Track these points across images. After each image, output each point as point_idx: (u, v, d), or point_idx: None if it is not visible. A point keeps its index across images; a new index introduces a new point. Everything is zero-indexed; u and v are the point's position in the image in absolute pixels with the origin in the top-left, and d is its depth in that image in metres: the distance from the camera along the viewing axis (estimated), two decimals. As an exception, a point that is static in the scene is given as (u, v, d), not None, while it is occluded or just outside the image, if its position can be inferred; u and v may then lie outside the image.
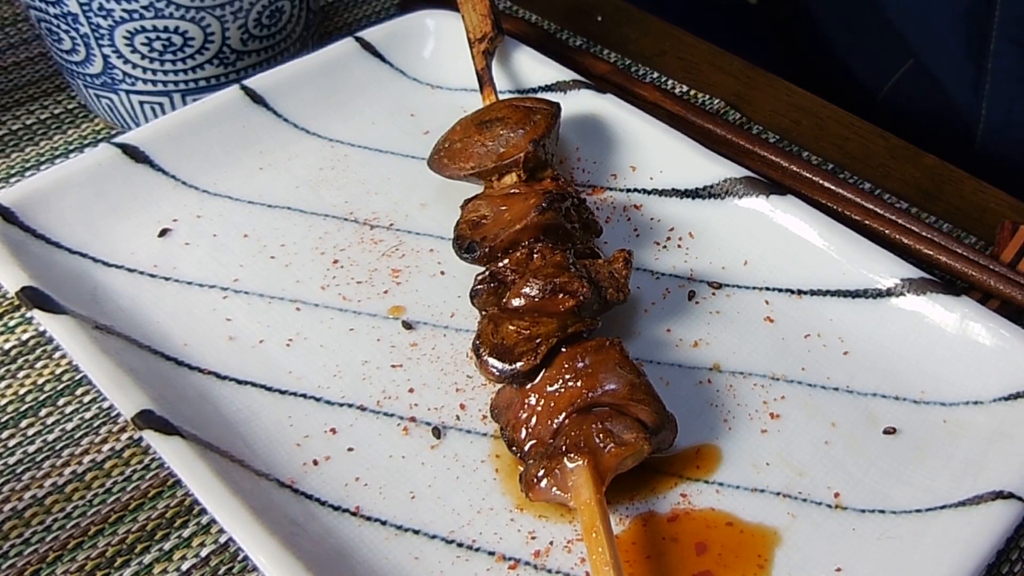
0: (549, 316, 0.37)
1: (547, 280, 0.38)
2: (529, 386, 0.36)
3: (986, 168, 0.54)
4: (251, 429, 0.37)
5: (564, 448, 0.34)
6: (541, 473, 0.34)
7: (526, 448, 0.36)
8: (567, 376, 0.36)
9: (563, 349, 0.36)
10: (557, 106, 0.46)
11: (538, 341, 0.36)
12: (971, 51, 0.63)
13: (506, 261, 0.40)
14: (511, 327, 0.37)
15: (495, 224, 0.41)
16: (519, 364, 0.36)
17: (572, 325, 0.37)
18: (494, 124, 0.46)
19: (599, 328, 0.38)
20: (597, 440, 0.34)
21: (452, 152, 0.46)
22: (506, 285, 0.39)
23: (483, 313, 0.39)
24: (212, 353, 0.40)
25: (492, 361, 0.36)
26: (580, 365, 0.36)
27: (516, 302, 0.38)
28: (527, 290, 0.38)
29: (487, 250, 0.40)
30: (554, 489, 0.34)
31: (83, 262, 0.42)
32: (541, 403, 0.36)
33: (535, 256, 0.40)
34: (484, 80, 0.50)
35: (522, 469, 0.35)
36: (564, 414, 0.35)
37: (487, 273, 0.40)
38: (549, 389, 0.36)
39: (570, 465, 0.34)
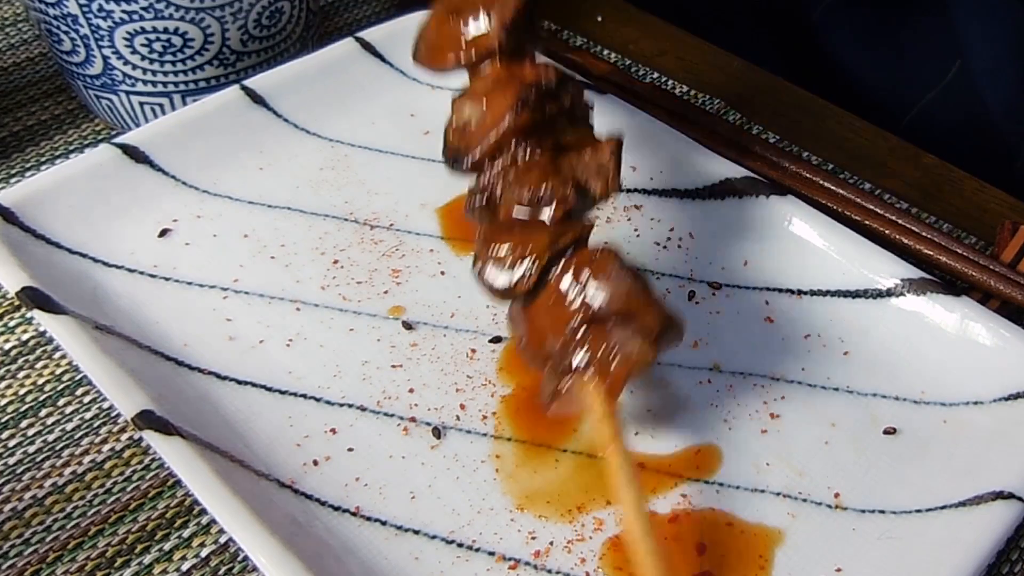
0: (540, 228, 0.36)
1: (531, 189, 0.37)
2: (532, 302, 0.36)
3: None
4: (251, 429, 0.37)
5: (573, 365, 0.34)
6: (552, 391, 0.34)
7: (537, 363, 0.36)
8: (567, 290, 0.35)
9: (561, 261, 0.36)
10: None
11: (533, 259, 0.36)
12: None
13: (494, 170, 0.38)
14: (504, 245, 0.36)
15: (479, 130, 0.39)
16: (516, 285, 0.36)
17: (563, 236, 0.36)
18: (464, 8, 0.42)
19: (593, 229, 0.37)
20: (603, 354, 0.34)
21: (430, 49, 0.43)
22: (496, 198, 0.38)
23: (478, 225, 0.38)
24: (212, 353, 0.40)
25: (490, 281, 0.36)
26: (578, 278, 0.35)
27: (506, 216, 0.37)
28: (513, 203, 0.37)
29: (473, 161, 0.39)
30: (569, 405, 0.35)
31: (83, 262, 0.43)
32: (545, 318, 0.36)
33: (519, 161, 0.38)
34: None
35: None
36: (569, 328, 0.35)
37: (477, 188, 0.38)
38: (551, 303, 0.36)
39: (580, 382, 0.34)
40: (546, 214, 0.37)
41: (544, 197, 0.37)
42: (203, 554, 0.35)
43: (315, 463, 0.37)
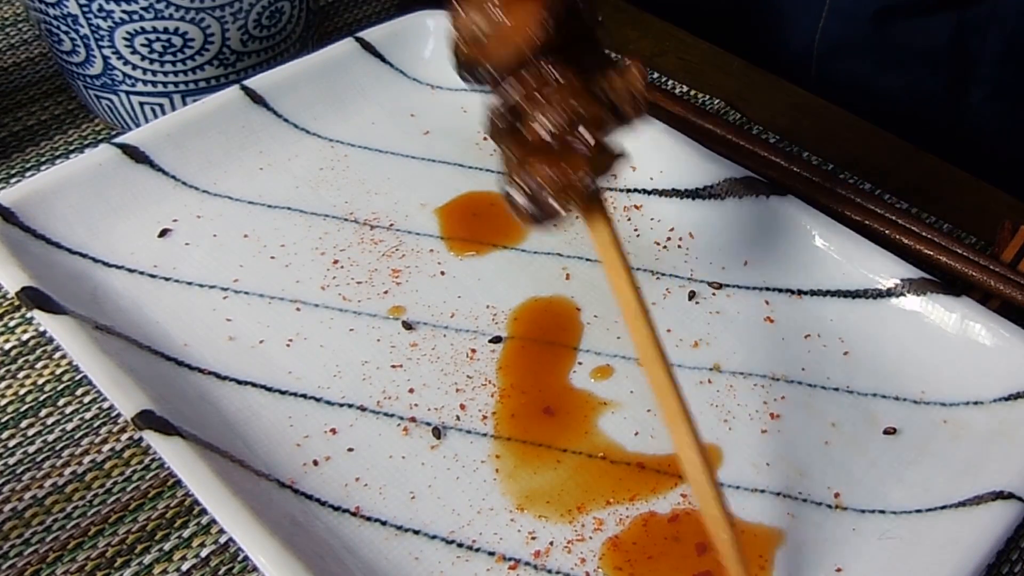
0: (576, 154, 0.35)
1: (566, 113, 0.35)
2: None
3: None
4: (251, 429, 0.37)
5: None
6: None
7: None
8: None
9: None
10: None
11: (572, 184, 0.35)
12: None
13: (516, 85, 0.37)
14: (539, 168, 0.35)
15: (497, 41, 0.37)
16: (557, 208, 0.35)
17: (602, 164, 0.36)
18: None
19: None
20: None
21: None
22: (521, 116, 0.37)
23: (503, 148, 0.37)
24: (212, 353, 0.40)
25: (526, 206, 0.35)
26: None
27: (536, 137, 0.36)
28: (547, 124, 0.36)
29: (491, 73, 0.37)
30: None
31: (83, 262, 0.43)
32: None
33: (546, 77, 0.37)
34: None
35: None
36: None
37: (501, 106, 0.37)
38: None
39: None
40: (583, 138, 0.35)
41: (579, 120, 0.35)
42: (203, 554, 0.35)
43: (315, 463, 0.37)
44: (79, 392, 0.40)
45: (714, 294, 0.44)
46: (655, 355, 0.34)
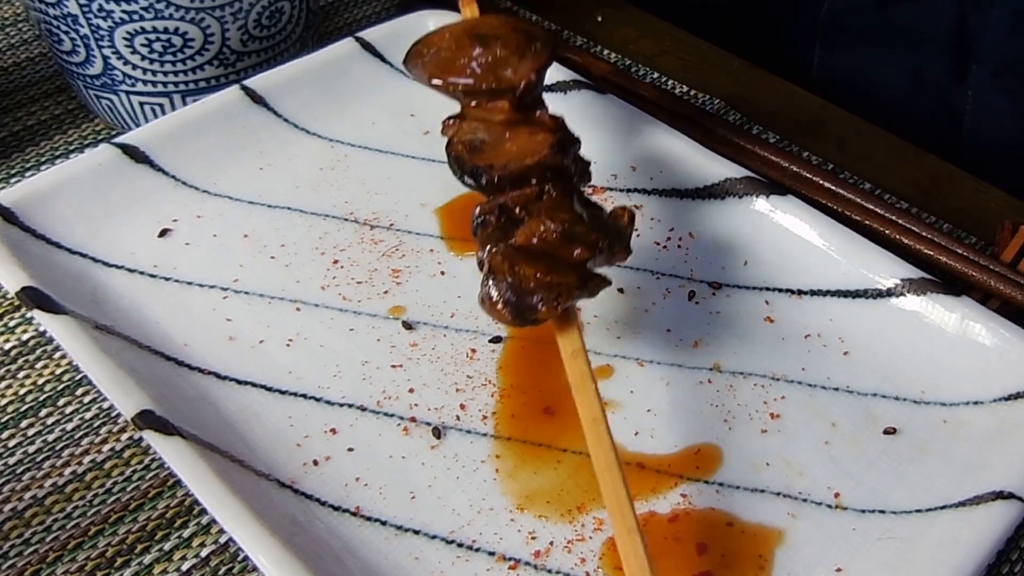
0: (566, 266, 0.36)
1: (564, 226, 0.36)
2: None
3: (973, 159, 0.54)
4: (251, 429, 0.37)
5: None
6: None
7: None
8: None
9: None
10: (552, 35, 0.44)
11: (558, 292, 0.35)
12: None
13: (513, 195, 0.38)
14: (528, 269, 0.35)
15: (497, 152, 0.39)
16: (538, 309, 0.35)
17: (591, 280, 0.36)
18: (491, 41, 0.42)
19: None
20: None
21: (439, 60, 0.42)
22: (514, 222, 0.37)
23: (489, 248, 0.37)
24: (212, 353, 0.40)
25: (505, 303, 0.35)
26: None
27: (527, 242, 0.36)
28: (542, 231, 0.36)
29: (495, 179, 0.38)
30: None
31: (83, 262, 0.43)
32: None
33: (545, 197, 0.38)
34: None
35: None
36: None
37: (495, 205, 0.38)
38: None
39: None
40: (571, 252, 0.36)
41: (574, 236, 0.36)
42: (203, 554, 0.35)
43: (315, 463, 0.37)
44: (79, 392, 0.40)
45: (714, 294, 0.44)
46: (611, 464, 0.33)
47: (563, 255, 0.36)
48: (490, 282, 0.36)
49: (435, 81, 0.42)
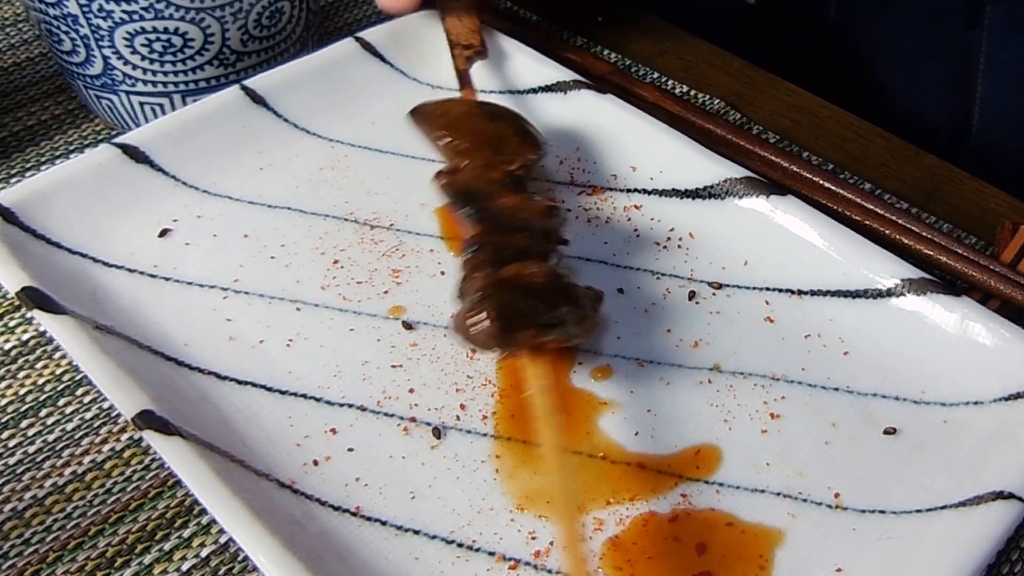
0: (553, 308, 0.37)
1: (555, 278, 0.38)
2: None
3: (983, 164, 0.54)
4: (251, 429, 0.37)
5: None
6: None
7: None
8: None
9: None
10: (545, 143, 0.46)
11: (548, 325, 0.36)
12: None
13: (505, 238, 0.39)
14: (520, 299, 0.37)
15: (494, 201, 0.41)
16: (523, 335, 0.36)
17: (582, 324, 0.38)
18: (501, 120, 0.46)
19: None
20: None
21: (451, 121, 0.45)
22: (502, 261, 0.38)
23: (476, 272, 0.38)
24: (212, 353, 0.40)
25: (491, 320, 0.36)
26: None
27: (516, 279, 0.38)
28: (532, 274, 0.38)
29: (495, 217, 0.40)
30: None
31: (83, 262, 0.43)
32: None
33: (531, 253, 0.39)
34: (466, 81, 0.50)
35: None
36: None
37: (489, 239, 0.39)
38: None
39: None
40: (557, 303, 0.37)
41: (561, 289, 0.38)
42: (203, 554, 0.35)
43: (315, 463, 0.37)
44: (79, 392, 0.40)
45: (714, 294, 0.44)
46: (567, 496, 0.33)
47: (550, 299, 0.37)
48: (478, 298, 0.36)
49: (439, 134, 0.45)
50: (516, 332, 0.36)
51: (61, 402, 0.40)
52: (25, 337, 0.42)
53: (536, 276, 0.37)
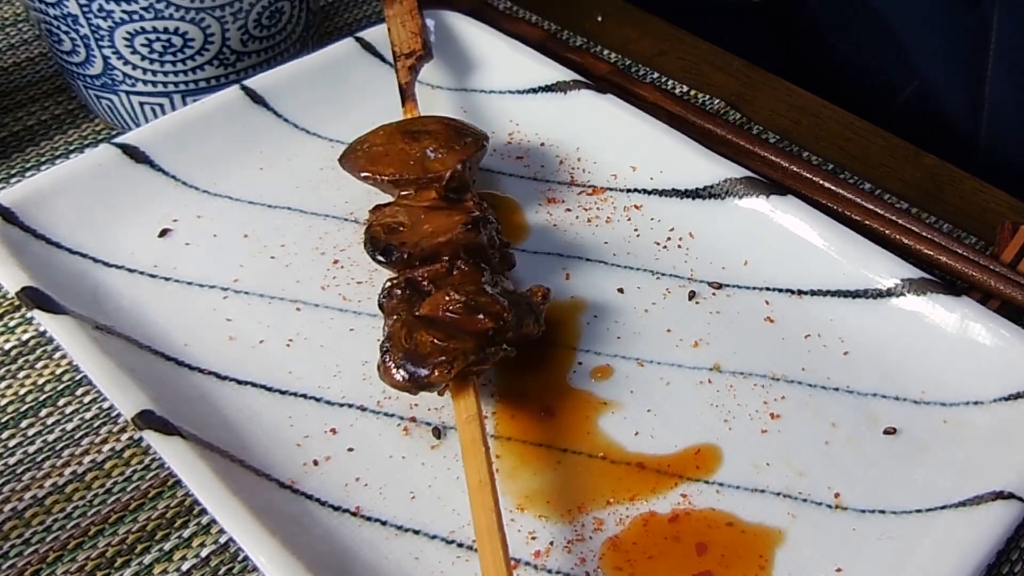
0: (466, 333, 0.36)
1: (468, 297, 0.37)
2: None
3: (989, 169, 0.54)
4: (251, 429, 0.37)
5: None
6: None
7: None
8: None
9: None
10: (486, 136, 0.46)
11: (453, 357, 0.36)
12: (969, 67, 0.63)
13: (423, 271, 0.39)
14: (426, 336, 0.36)
15: (414, 233, 0.41)
16: (431, 374, 0.35)
17: (491, 347, 0.36)
18: (422, 136, 0.45)
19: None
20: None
21: (372, 155, 0.45)
22: (421, 294, 0.39)
23: (392, 317, 0.38)
24: (212, 353, 0.40)
25: (399, 368, 0.36)
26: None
27: (432, 312, 0.37)
28: (446, 303, 0.37)
29: (405, 256, 0.40)
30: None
31: (83, 262, 0.43)
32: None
33: (455, 272, 0.39)
34: (407, 95, 0.50)
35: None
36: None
37: (403, 279, 0.39)
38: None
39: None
40: (475, 323, 0.37)
41: (479, 308, 0.37)
42: (203, 554, 0.35)
43: (315, 463, 0.37)
44: (79, 392, 0.40)
45: (714, 294, 0.44)
46: (493, 527, 0.33)
47: (467, 325, 0.37)
48: (387, 347, 0.37)
49: (363, 174, 0.45)
50: (425, 377, 0.36)
51: (61, 402, 0.40)
52: (25, 337, 0.42)
53: (451, 303, 0.37)
